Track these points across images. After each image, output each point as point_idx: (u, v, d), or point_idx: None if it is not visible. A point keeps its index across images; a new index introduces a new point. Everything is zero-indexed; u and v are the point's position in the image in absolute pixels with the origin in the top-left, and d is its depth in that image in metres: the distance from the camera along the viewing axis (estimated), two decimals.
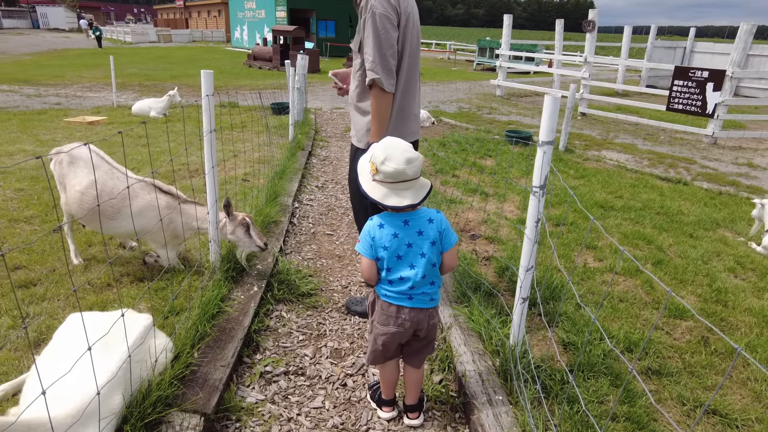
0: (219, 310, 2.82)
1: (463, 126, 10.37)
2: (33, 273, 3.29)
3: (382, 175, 1.86)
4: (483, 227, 4.65)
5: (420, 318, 2.02)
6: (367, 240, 1.96)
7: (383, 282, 2.03)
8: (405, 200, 1.86)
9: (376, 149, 1.89)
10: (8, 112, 10.76)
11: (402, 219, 1.95)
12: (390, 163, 1.82)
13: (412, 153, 1.87)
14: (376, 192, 1.90)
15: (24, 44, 31.37)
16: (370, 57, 2.44)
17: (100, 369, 1.85)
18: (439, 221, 1.98)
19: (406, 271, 1.96)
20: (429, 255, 1.96)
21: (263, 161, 6.60)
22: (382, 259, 1.97)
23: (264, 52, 22.09)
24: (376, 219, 1.98)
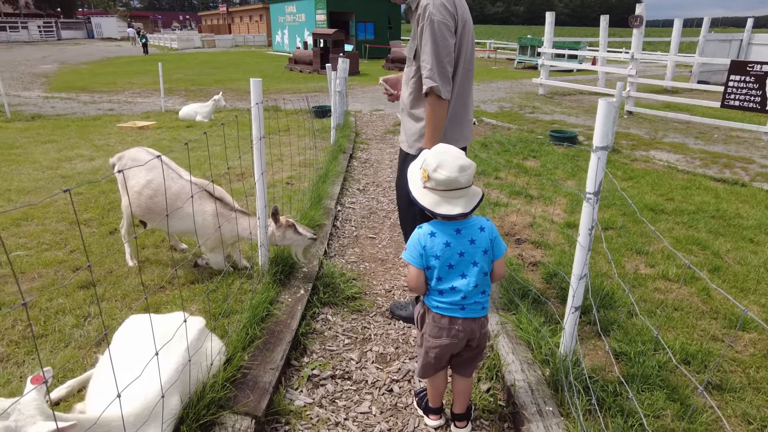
0: (268, 313, 2.89)
1: (505, 126, 10.21)
2: (93, 274, 3.46)
3: (433, 183, 1.83)
4: (529, 231, 4.56)
5: (473, 328, 1.99)
6: (417, 248, 1.92)
7: (433, 293, 1.98)
8: (457, 208, 1.84)
9: (428, 156, 1.86)
10: (67, 119, 11.35)
11: (454, 227, 1.91)
12: (442, 171, 1.80)
13: (465, 160, 1.84)
14: (426, 199, 1.87)
15: (80, 53, 33.02)
16: (428, 65, 2.43)
17: (163, 371, 1.93)
18: (491, 229, 1.96)
19: (458, 281, 1.92)
20: (481, 264, 1.93)
21: (306, 164, 6.71)
22: (433, 268, 1.93)
23: (304, 56, 22.43)
24: (426, 227, 1.94)
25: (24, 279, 3.43)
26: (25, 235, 4.16)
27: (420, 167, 1.91)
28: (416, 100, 2.69)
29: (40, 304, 3.06)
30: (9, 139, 8.90)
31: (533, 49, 23.97)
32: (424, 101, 2.60)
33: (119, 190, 3.50)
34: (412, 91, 2.69)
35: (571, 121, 11.05)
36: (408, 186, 1.98)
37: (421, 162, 1.91)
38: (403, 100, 2.80)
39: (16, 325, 2.84)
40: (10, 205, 4.99)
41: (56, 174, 6.39)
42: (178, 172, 3.36)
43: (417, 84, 2.63)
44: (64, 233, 4.21)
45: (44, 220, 4.53)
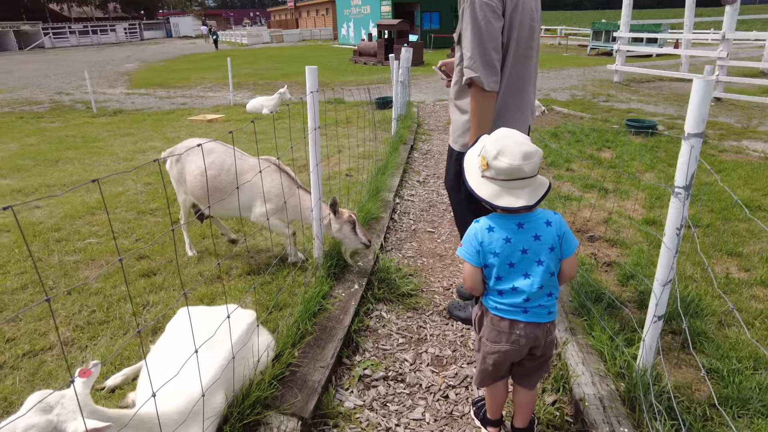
0: (320, 307, 2.80)
1: (577, 115, 9.64)
2: (154, 263, 3.54)
3: (493, 171, 1.64)
4: (603, 228, 4.21)
5: (536, 334, 1.77)
6: (473, 244, 1.74)
7: (491, 293, 1.80)
8: (520, 200, 1.64)
9: (487, 141, 1.67)
10: (144, 113, 11.99)
11: (515, 221, 1.71)
12: (504, 158, 1.60)
13: (530, 146, 1.63)
14: (485, 190, 1.68)
15: (159, 52, 34.98)
16: (469, 52, 2.16)
17: (206, 368, 1.87)
18: (558, 224, 1.74)
19: (520, 281, 1.73)
20: (547, 262, 1.72)
21: (366, 156, 6.62)
22: (491, 266, 1.74)
23: (369, 48, 22.43)
24: (484, 221, 1.75)
25: (93, 266, 3.56)
26: (98, 224, 4.35)
27: (478, 154, 1.72)
28: (461, 91, 2.45)
29: (104, 290, 3.16)
30: (93, 132, 9.50)
31: (608, 35, 22.58)
32: (467, 92, 2.35)
33: (174, 186, 3.54)
34: (457, 80, 2.44)
35: (650, 110, 10.24)
36: (464, 176, 1.78)
37: (480, 148, 1.72)
38: (450, 89, 2.56)
39: (83, 311, 2.94)
40: (88, 195, 5.26)
41: (130, 165, 6.70)
42: (239, 152, 3.40)
43: (462, 73, 2.34)
44: (131, 222, 4.36)
45: (115, 209, 4.73)
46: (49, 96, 15.56)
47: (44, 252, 3.78)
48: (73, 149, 8.00)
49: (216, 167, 3.31)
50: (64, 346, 2.59)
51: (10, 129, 10.31)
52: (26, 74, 22.59)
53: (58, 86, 17.82)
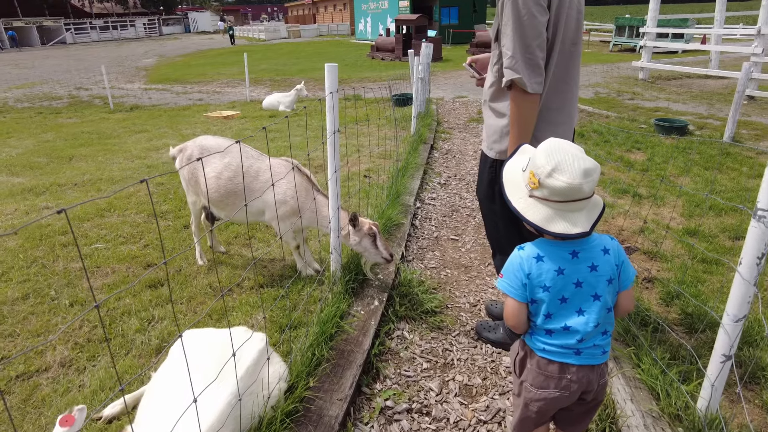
0: (338, 329, 2.57)
1: (603, 113, 9.26)
2: (161, 272, 3.34)
3: (546, 191, 1.39)
4: (639, 238, 3.91)
5: (590, 378, 1.53)
6: (519, 276, 1.49)
7: (538, 332, 1.55)
8: (576, 226, 1.40)
9: (538, 154, 1.42)
10: (160, 109, 11.88)
11: (569, 249, 1.47)
12: (561, 176, 1.35)
13: (589, 161, 1.38)
14: (535, 213, 1.43)
15: (177, 47, 35.08)
16: (510, 51, 1.91)
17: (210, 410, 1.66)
18: (617, 251, 1.50)
19: (574, 319, 1.48)
20: (605, 297, 1.47)
21: (385, 156, 6.37)
22: (540, 302, 1.50)
23: (386, 43, 22.12)
24: (531, 249, 1.50)
25: (98, 274, 3.38)
26: (106, 227, 4.18)
27: (524, 169, 1.47)
28: (499, 92, 2.19)
29: (108, 303, 2.97)
30: (108, 129, 9.40)
31: (631, 30, 21.93)
32: (506, 95, 2.12)
33: (184, 186, 3.33)
34: (495, 80, 2.18)
35: (678, 109, 9.81)
36: (504, 193, 1.52)
37: (526, 162, 1.47)
38: (485, 90, 2.30)
39: (83, 326, 2.75)
40: (100, 194, 5.11)
41: (143, 164, 6.55)
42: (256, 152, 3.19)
43: (500, 73, 2.10)
44: (141, 226, 4.18)
45: (125, 211, 4.55)
46: (68, 91, 15.60)
47: (49, 257, 3.61)
48: (87, 146, 7.90)
49: (233, 168, 3.10)
50: (60, 368, 2.40)
51: (28, 125, 10.28)
52: (47, 69, 22.78)
53: (77, 81, 17.89)
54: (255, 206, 3.12)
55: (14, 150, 7.78)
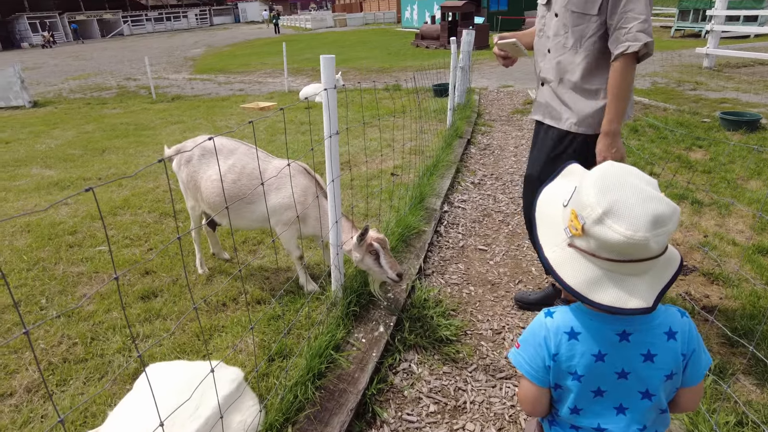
0: (331, 361, 2.24)
1: (660, 106, 8.46)
2: (157, 281, 3.11)
3: (594, 244, 0.95)
4: (698, 255, 3.36)
5: None
6: (541, 355, 1.08)
7: (561, 424, 1.16)
8: (633, 298, 0.95)
9: (587, 186, 0.97)
10: (200, 99, 11.91)
11: (617, 329, 1.05)
12: (617, 224, 0.91)
13: (664, 202, 0.93)
14: (574, 272, 0.99)
15: (226, 37, 35.63)
16: (643, 15, 1.86)
17: None
18: (687, 336, 1.06)
19: (610, 419, 1.08)
20: (659, 397, 1.06)
21: (417, 151, 5.98)
22: (566, 390, 1.10)
23: (431, 31, 21.51)
24: (563, 318, 1.08)
25: (96, 281, 3.20)
26: (116, 226, 4.03)
27: (566, 204, 1.03)
28: (593, 69, 2.07)
29: (96, 315, 2.76)
30: (146, 120, 9.45)
31: (696, 13, 20.30)
32: (601, 71, 2.05)
33: (182, 190, 3.08)
34: (587, 55, 2.06)
35: (748, 100, 8.82)
36: (535, 234, 1.10)
37: (569, 194, 1.03)
38: (563, 69, 2.15)
39: (63, 342, 2.55)
40: (119, 190, 5.00)
41: None
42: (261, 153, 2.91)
43: (598, 46, 2.02)
44: (150, 227, 3.99)
45: (138, 209, 4.40)
46: (118, 82, 16.01)
47: (52, 260, 3.47)
48: (122, 137, 7.91)
49: (236, 171, 2.82)
50: (26, 394, 2.19)
51: (74, 116, 10.52)
52: (103, 61, 23.59)
53: (128, 72, 18.36)
54: (259, 211, 2.83)
55: (54, 141, 7.90)
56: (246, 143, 2.96)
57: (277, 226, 2.81)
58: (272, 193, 2.75)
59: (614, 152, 2.03)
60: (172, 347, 2.48)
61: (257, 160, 2.82)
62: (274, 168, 2.77)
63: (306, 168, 2.85)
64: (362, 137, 6.90)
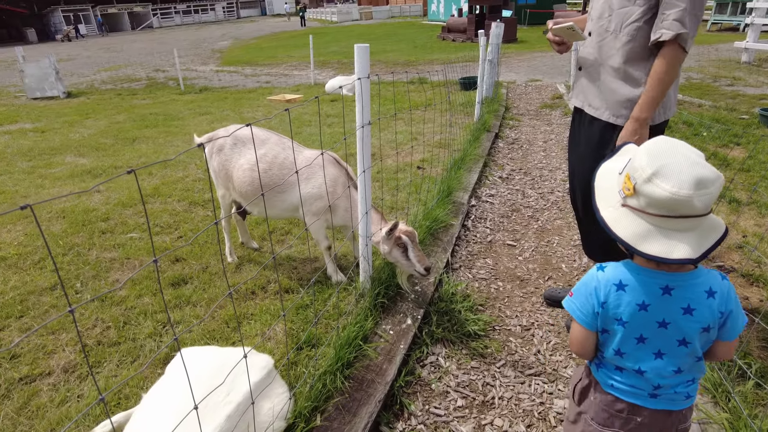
0: (359, 352, 2.23)
1: (695, 102, 8.20)
2: (188, 268, 3.16)
3: (643, 201, 1.09)
4: (736, 256, 3.25)
5: (665, 425, 1.27)
6: (590, 302, 1.23)
7: (607, 365, 1.30)
8: (678, 249, 1.08)
9: (640, 154, 1.10)
10: (227, 91, 12.04)
11: (661, 283, 1.16)
12: (664, 183, 1.04)
13: (708, 169, 1.05)
14: (625, 227, 1.13)
15: (252, 30, 35.90)
16: (684, 3, 1.78)
17: None
18: (725, 296, 1.17)
19: (650, 363, 1.21)
20: (694, 346, 1.19)
21: (443, 145, 5.92)
22: (611, 334, 1.24)
23: (458, 24, 21.28)
24: (612, 272, 1.22)
25: (127, 266, 3.26)
26: None
27: (621, 172, 1.18)
28: (636, 55, 1.98)
29: (127, 301, 2.82)
30: (175, 111, 9.59)
31: (735, 6, 19.61)
32: (646, 57, 1.96)
33: (212, 178, 3.10)
34: (629, 40, 1.98)
35: None
36: (593, 200, 1.24)
37: (624, 162, 1.19)
38: (604, 53, 2.08)
39: (97, 326, 2.60)
40: (149, 178, 5.09)
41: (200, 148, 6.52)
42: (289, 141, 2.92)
43: (643, 32, 1.93)
44: (179, 215, 4.05)
45: (168, 197, 4.46)
46: (147, 73, 16.27)
47: (86, 245, 3.55)
48: (152, 127, 8.05)
49: (268, 161, 2.84)
50: (63, 374, 2.25)
51: (105, 106, 10.74)
52: (133, 53, 24.02)
53: (157, 64, 18.65)
54: (290, 201, 2.84)
55: (87, 131, 8.08)
56: (277, 133, 2.97)
57: (306, 215, 2.82)
58: (302, 183, 2.75)
59: (636, 140, 1.95)
60: (202, 333, 2.51)
61: (289, 150, 2.83)
62: (305, 158, 2.77)
63: (337, 158, 2.85)
64: (387, 130, 6.87)
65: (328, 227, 2.89)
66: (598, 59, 2.10)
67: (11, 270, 3.24)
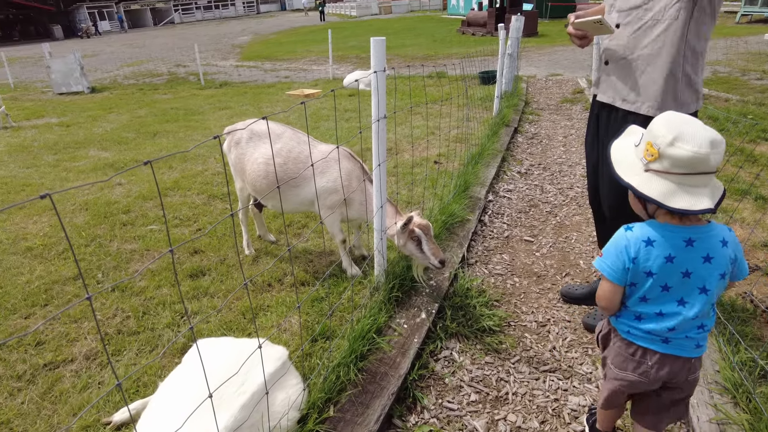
0: (373, 345, 2.24)
1: (721, 96, 8.00)
2: (206, 260, 3.20)
3: (668, 163, 1.28)
4: (762, 254, 3.17)
5: (674, 369, 1.44)
6: (622, 259, 1.39)
7: (626, 314, 1.48)
8: (702, 201, 1.26)
9: (656, 126, 1.30)
10: (247, 86, 12.13)
11: (684, 236, 1.35)
12: (685, 145, 1.24)
13: (715, 132, 1.26)
14: (653, 187, 1.31)
15: (272, 25, 36.09)
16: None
17: None
18: (735, 244, 1.38)
19: (671, 307, 1.39)
20: (713, 292, 1.36)
21: (461, 139, 5.89)
22: (639, 285, 1.40)
23: (478, 17, 21.07)
24: (641, 230, 1.39)
25: (147, 257, 3.33)
26: (166, 207, 4.16)
27: (638, 144, 1.38)
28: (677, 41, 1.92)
29: (147, 291, 2.87)
30: (195, 105, 9.70)
31: None
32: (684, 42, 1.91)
33: (231, 171, 3.14)
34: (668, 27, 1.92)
35: None
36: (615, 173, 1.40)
37: (635, 138, 1.40)
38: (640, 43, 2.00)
39: (117, 315, 2.66)
40: (169, 172, 5.16)
41: (216, 141, 6.60)
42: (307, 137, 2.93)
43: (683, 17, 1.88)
44: (198, 208, 4.11)
45: (188, 190, 4.53)
46: (168, 68, 16.49)
47: (107, 237, 3.63)
48: (173, 122, 8.16)
49: (283, 155, 2.85)
50: (84, 361, 2.31)
51: (127, 101, 10.92)
52: (155, 48, 24.36)
53: (178, 59, 18.89)
54: (304, 195, 2.86)
55: (110, 125, 8.23)
56: (292, 128, 2.98)
57: (321, 209, 2.83)
58: (317, 177, 2.76)
59: None
60: (219, 324, 2.55)
61: (303, 145, 2.85)
62: (319, 153, 2.79)
63: (351, 153, 2.85)
64: (404, 124, 6.85)
65: (342, 221, 2.91)
66: (632, 50, 2.01)
67: (37, 260, 3.33)
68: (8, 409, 2.07)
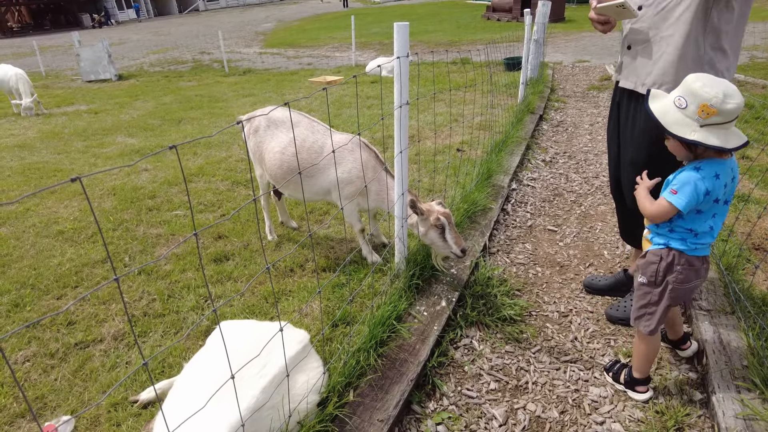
0: (393, 331, 2.25)
1: (758, 83, 7.70)
2: (230, 245, 3.25)
3: (722, 117, 1.56)
4: None
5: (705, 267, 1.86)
6: (697, 195, 1.66)
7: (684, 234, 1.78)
8: (742, 137, 1.61)
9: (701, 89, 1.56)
10: (270, 73, 12.17)
11: (730, 165, 1.70)
12: (733, 100, 1.54)
13: None
14: (714, 138, 1.58)
15: (295, 12, 36.05)
16: None
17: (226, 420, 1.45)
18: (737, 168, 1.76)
19: (718, 221, 1.75)
20: (729, 203, 1.77)
21: (484, 127, 5.81)
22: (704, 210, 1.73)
23: (503, 3, 20.66)
24: (709, 168, 1.66)
25: (172, 242, 3.39)
26: (191, 193, 4.23)
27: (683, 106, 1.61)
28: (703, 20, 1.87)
29: (172, 275, 2.93)
30: (219, 92, 9.79)
31: None
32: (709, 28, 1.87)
33: (251, 158, 3.16)
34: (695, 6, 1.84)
35: None
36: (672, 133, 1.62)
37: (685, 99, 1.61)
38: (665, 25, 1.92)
39: (143, 298, 2.73)
40: (194, 158, 5.24)
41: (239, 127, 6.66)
42: (321, 125, 2.95)
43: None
44: (222, 194, 4.16)
45: (212, 177, 4.59)
46: (193, 56, 16.65)
47: (134, 221, 3.71)
48: (197, 109, 8.26)
49: (297, 144, 2.86)
50: (113, 341, 2.38)
51: (153, 88, 11.09)
52: (180, 36, 24.60)
53: (202, 46, 19.05)
54: (319, 185, 2.87)
55: (136, 112, 8.38)
56: (309, 117, 2.98)
57: (338, 200, 2.84)
58: (331, 167, 2.76)
59: None
60: (242, 308, 2.59)
61: (318, 135, 2.84)
62: (334, 143, 2.78)
63: (366, 143, 2.84)
64: (427, 111, 6.80)
65: (361, 210, 2.91)
66: (656, 32, 1.94)
67: (68, 243, 3.43)
68: (42, 385, 2.15)
